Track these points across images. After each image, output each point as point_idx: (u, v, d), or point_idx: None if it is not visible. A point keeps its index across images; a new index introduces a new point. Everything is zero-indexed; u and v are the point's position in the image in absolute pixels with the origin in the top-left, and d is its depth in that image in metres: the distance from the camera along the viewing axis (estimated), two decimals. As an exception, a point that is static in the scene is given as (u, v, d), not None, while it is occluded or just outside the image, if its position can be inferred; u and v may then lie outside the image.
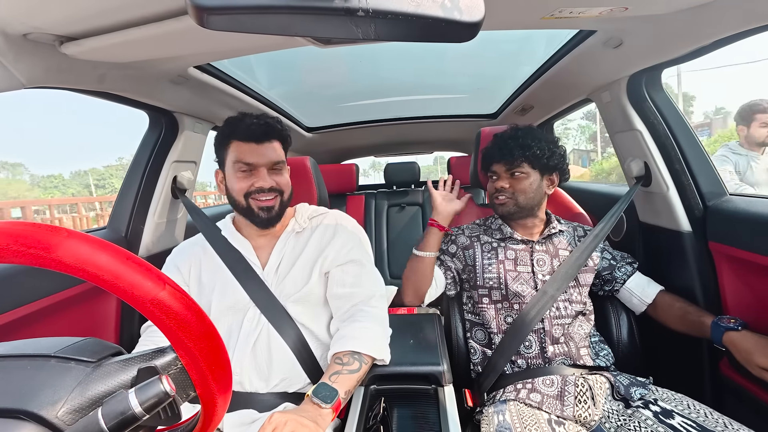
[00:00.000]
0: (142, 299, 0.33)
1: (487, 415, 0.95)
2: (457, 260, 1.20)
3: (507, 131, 1.19)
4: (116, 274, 0.32)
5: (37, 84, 0.80)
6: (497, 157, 1.16)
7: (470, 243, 1.20)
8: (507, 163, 1.14)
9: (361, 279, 0.99)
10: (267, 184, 0.96)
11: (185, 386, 0.38)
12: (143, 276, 0.33)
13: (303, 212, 1.08)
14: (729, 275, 1.10)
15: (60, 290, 1.02)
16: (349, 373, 0.83)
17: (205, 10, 0.33)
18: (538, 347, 1.04)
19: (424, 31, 0.35)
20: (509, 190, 1.13)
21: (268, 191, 0.97)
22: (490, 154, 1.19)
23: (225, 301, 0.96)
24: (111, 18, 0.71)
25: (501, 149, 1.14)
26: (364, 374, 0.86)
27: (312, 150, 2.72)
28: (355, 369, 0.84)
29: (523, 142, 1.11)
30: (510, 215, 1.16)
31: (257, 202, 0.97)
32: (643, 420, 0.85)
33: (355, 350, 0.86)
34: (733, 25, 0.85)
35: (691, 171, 1.18)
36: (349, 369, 0.83)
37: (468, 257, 1.18)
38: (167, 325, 0.34)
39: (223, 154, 0.99)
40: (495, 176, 1.18)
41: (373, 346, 0.89)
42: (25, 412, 0.33)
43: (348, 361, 0.85)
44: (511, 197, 1.14)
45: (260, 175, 0.96)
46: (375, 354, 0.88)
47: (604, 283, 1.19)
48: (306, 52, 1.24)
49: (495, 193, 1.17)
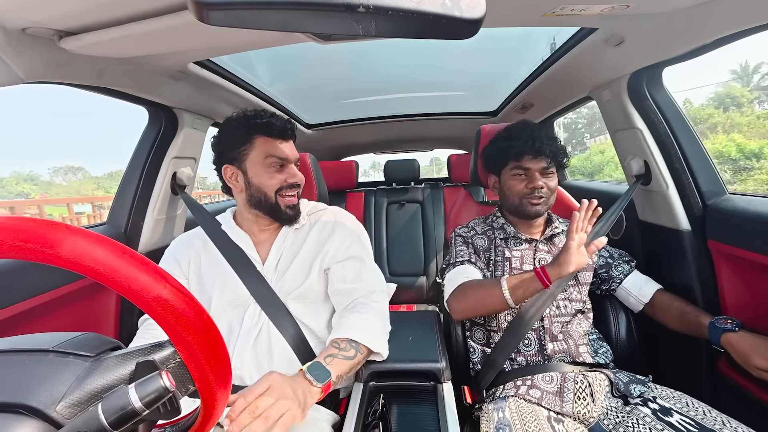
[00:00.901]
0: (141, 295, 0.33)
1: (486, 412, 0.95)
2: (480, 263, 1.16)
3: (529, 126, 1.15)
4: (114, 269, 0.32)
5: (36, 79, 0.79)
6: (533, 153, 1.11)
7: (488, 245, 1.17)
8: (544, 160, 1.10)
9: (362, 275, 0.99)
10: (299, 179, 1.00)
11: (184, 380, 0.39)
12: (141, 271, 0.33)
13: (302, 208, 1.08)
14: (728, 274, 1.10)
15: (59, 286, 1.03)
16: (344, 359, 0.83)
17: (205, 6, 0.32)
18: (537, 344, 1.05)
19: (425, 27, 0.35)
20: (545, 189, 1.11)
21: (296, 187, 1.00)
22: (520, 149, 1.12)
23: (225, 296, 0.96)
24: (110, 13, 0.71)
25: (540, 145, 1.09)
26: (358, 363, 0.87)
27: (312, 146, 2.72)
28: (350, 356, 0.84)
29: (556, 143, 1.11)
30: (539, 215, 1.13)
31: (285, 200, 0.98)
32: (642, 417, 0.86)
33: (353, 338, 0.87)
34: (735, 23, 0.84)
35: (691, 170, 1.18)
36: (345, 355, 0.84)
37: (489, 260, 1.16)
38: (166, 320, 0.34)
39: (244, 150, 0.97)
40: (523, 174, 1.13)
41: (372, 338, 0.89)
42: (24, 407, 0.33)
43: (345, 347, 0.85)
44: (546, 197, 1.11)
45: (292, 170, 0.99)
46: (372, 345, 0.89)
47: (601, 282, 1.19)
48: (306, 49, 1.24)
49: (530, 193, 1.11)
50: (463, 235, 1.22)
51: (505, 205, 1.22)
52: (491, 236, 1.19)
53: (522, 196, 1.13)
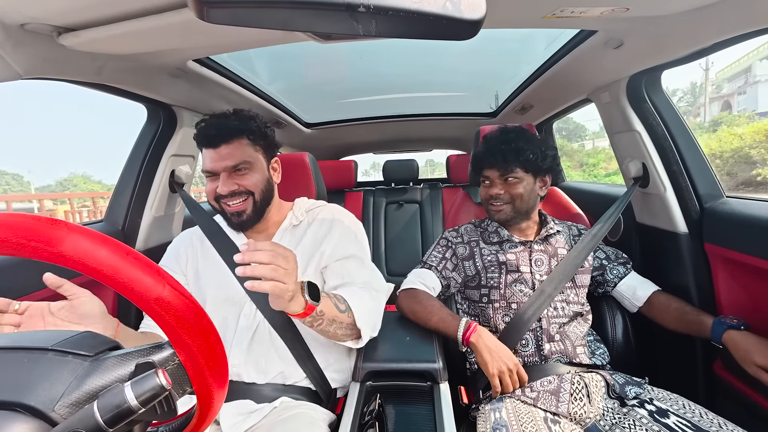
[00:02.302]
0: (143, 295, 0.32)
1: (483, 413, 0.95)
2: (456, 273, 1.19)
3: (496, 134, 1.16)
4: (116, 269, 0.32)
5: (34, 75, 0.79)
6: (489, 163, 1.14)
7: (470, 252, 1.19)
8: (500, 168, 1.12)
9: (358, 272, 0.98)
10: (225, 189, 0.93)
11: (182, 382, 0.38)
12: (144, 272, 0.33)
13: (301, 206, 1.08)
14: (724, 277, 1.10)
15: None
16: (335, 306, 0.81)
17: (205, 4, 0.32)
18: (534, 345, 1.05)
19: (425, 28, 0.35)
20: (505, 195, 1.12)
21: (232, 196, 0.94)
22: (480, 159, 1.16)
23: (221, 293, 0.96)
24: (110, 9, 0.71)
25: (493, 154, 1.12)
26: (340, 324, 0.83)
27: (311, 146, 2.72)
28: (341, 309, 0.82)
29: (516, 146, 1.09)
30: (507, 221, 1.15)
31: (228, 208, 0.96)
32: (639, 419, 0.86)
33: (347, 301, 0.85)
34: (734, 27, 0.85)
35: (689, 173, 1.18)
36: (337, 304, 0.82)
37: (468, 268, 1.17)
38: (167, 322, 0.34)
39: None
40: (487, 182, 1.16)
41: (361, 314, 0.86)
42: (22, 405, 0.32)
43: (339, 300, 0.84)
44: (508, 203, 1.12)
45: (223, 179, 0.93)
46: (359, 321, 0.85)
47: (597, 285, 1.20)
48: (306, 47, 1.23)
49: (490, 199, 1.15)
50: (448, 239, 1.24)
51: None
52: (476, 243, 1.19)
53: (486, 202, 1.17)
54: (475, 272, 1.16)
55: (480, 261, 1.16)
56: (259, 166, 0.98)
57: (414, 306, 1.10)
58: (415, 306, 1.10)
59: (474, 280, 1.16)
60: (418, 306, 1.09)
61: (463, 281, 1.18)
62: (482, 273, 1.14)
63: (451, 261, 1.20)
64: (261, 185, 0.97)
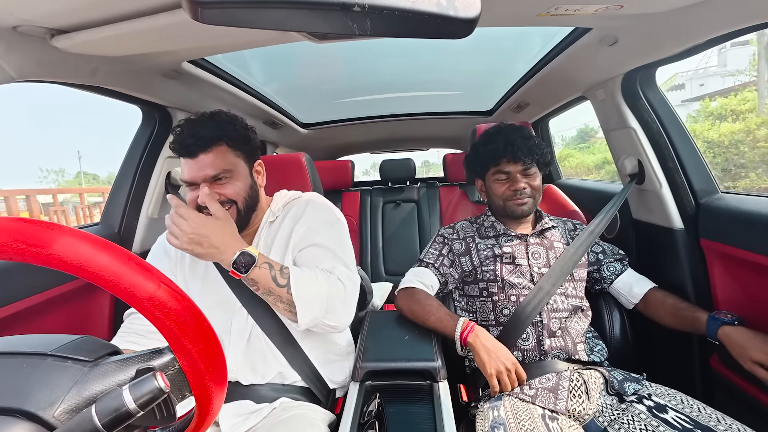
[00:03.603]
0: (141, 299, 0.32)
1: (482, 411, 0.96)
2: (453, 269, 1.19)
3: (504, 128, 1.17)
4: (117, 273, 0.32)
5: (27, 78, 0.78)
6: (509, 157, 1.13)
7: (466, 248, 1.19)
8: (522, 162, 1.13)
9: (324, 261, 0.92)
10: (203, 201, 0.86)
11: (182, 387, 0.38)
12: (143, 276, 0.33)
13: (278, 200, 1.03)
14: (720, 272, 1.11)
15: (52, 287, 1.02)
16: (273, 279, 0.81)
17: (199, 4, 0.32)
18: (534, 340, 1.05)
19: (420, 27, 0.35)
20: (528, 189, 1.13)
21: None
22: (497, 154, 1.14)
23: (210, 297, 0.94)
24: (103, 11, 0.70)
25: (515, 148, 1.11)
26: (278, 297, 0.81)
27: (307, 146, 2.71)
28: (281, 284, 0.81)
29: (530, 142, 1.12)
30: (526, 215, 1.17)
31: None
32: (637, 414, 0.86)
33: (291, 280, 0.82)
34: (727, 23, 0.85)
35: (684, 169, 1.19)
36: (276, 278, 0.81)
37: (464, 263, 1.18)
38: (166, 326, 0.33)
39: None
40: (505, 176, 1.16)
41: (299, 293, 0.81)
42: (21, 411, 0.32)
43: (284, 274, 0.82)
44: (531, 196, 1.14)
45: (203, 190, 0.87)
46: (296, 299, 0.81)
47: (594, 282, 1.20)
48: (301, 47, 1.23)
49: (514, 194, 1.14)
50: (444, 235, 1.24)
51: (491, 208, 1.25)
52: (471, 239, 1.20)
53: (505, 199, 1.16)
54: (472, 267, 1.16)
55: (476, 256, 1.17)
56: (242, 173, 0.92)
57: (412, 305, 1.10)
58: (414, 305, 1.10)
59: (471, 275, 1.16)
60: (416, 305, 1.09)
61: (461, 277, 1.19)
62: (479, 267, 1.15)
63: (447, 257, 1.20)
64: (244, 192, 0.92)
